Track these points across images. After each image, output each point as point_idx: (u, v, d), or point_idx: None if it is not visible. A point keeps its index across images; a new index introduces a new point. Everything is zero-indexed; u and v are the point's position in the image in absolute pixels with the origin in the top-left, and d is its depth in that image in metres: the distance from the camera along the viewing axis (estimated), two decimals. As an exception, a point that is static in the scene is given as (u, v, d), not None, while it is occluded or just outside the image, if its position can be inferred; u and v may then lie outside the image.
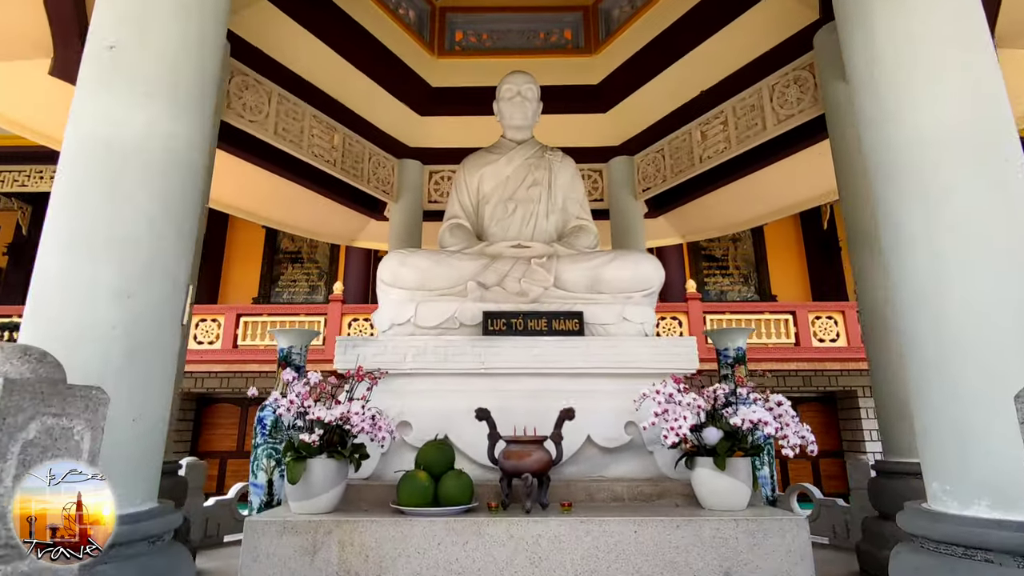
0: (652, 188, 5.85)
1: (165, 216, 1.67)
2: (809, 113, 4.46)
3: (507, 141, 4.06)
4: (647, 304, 3.14)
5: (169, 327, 1.71)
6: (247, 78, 4.37)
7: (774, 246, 14.54)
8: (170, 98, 1.76)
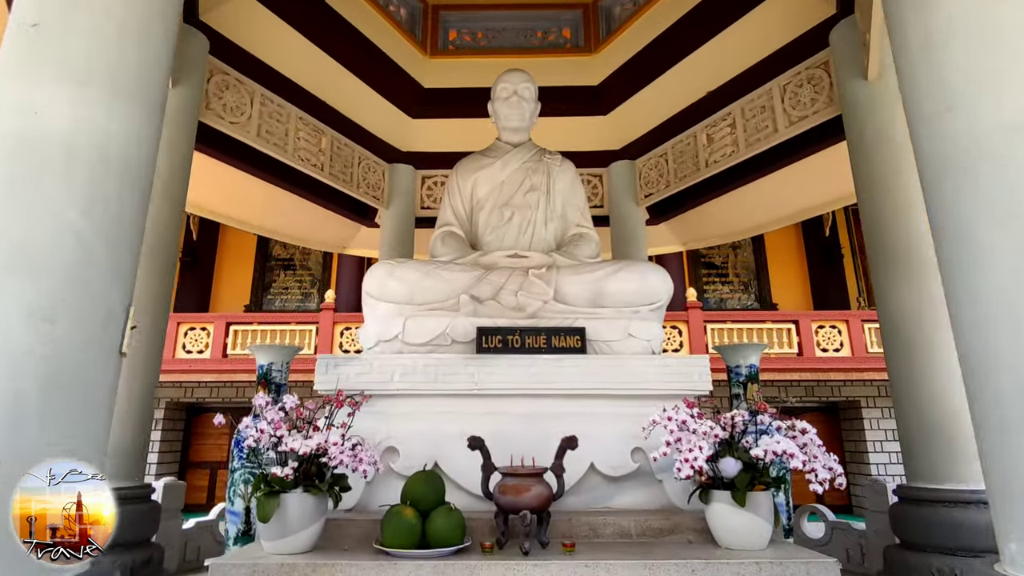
0: (655, 194, 5.63)
1: (94, 228, 1.42)
2: (824, 114, 4.24)
3: (503, 144, 3.82)
4: (654, 319, 2.89)
5: (101, 359, 1.45)
6: (228, 77, 4.13)
7: (775, 253, 14.34)
8: (106, 88, 1.51)
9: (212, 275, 13.43)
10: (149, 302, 3.21)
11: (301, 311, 13.42)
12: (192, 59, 3.70)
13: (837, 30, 4.08)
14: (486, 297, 2.87)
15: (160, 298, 3.39)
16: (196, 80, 3.72)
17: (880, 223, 3.61)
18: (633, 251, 5.57)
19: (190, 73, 3.65)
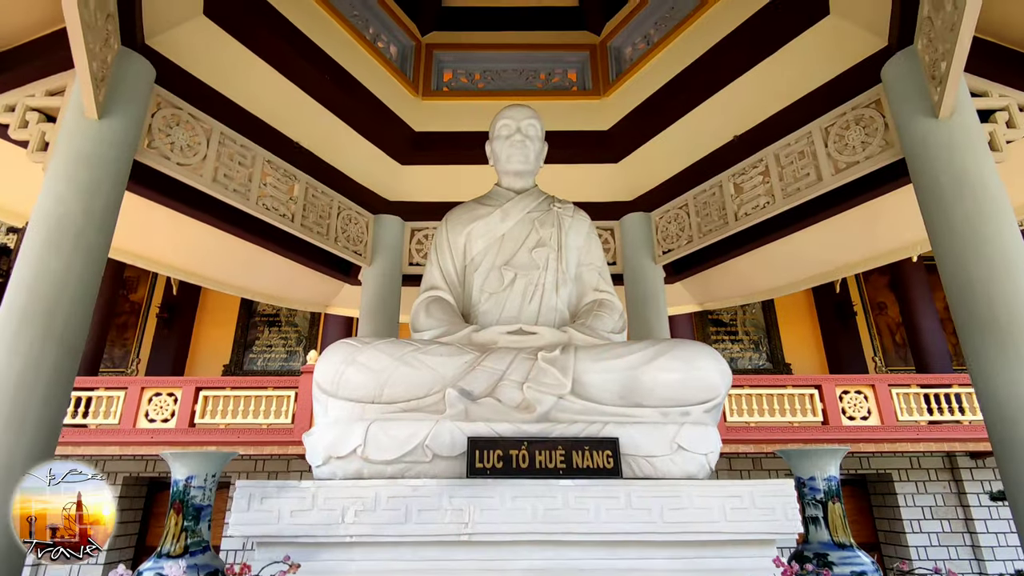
0: (675, 250, 4.94)
1: None
2: (879, 159, 3.59)
3: (503, 190, 3.15)
4: (710, 422, 2.13)
5: None
6: (179, 112, 3.48)
7: (785, 311, 13.64)
8: None
9: (191, 334, 12.60)
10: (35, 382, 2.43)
11: (284, 372, 12.53)
12: (129, 88, 3.06)
13: (892, 64, 3.49)
14: (481, 392, 2.11)
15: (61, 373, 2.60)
16: (134, 113, 3.07)
17: (969, 282, 2.92)
18: (651, 315, 4.84)
19: (124, 104, 3.00)
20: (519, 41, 5.34)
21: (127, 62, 3.07)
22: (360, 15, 4.74)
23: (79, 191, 2.74)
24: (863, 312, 13.42)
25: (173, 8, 3.23)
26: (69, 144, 2.81)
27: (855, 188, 4.00)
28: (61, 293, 2.53)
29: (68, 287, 2.57)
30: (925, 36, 3.17)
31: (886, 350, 13.13)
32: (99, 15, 2.51)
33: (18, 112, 3.04)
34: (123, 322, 12.86)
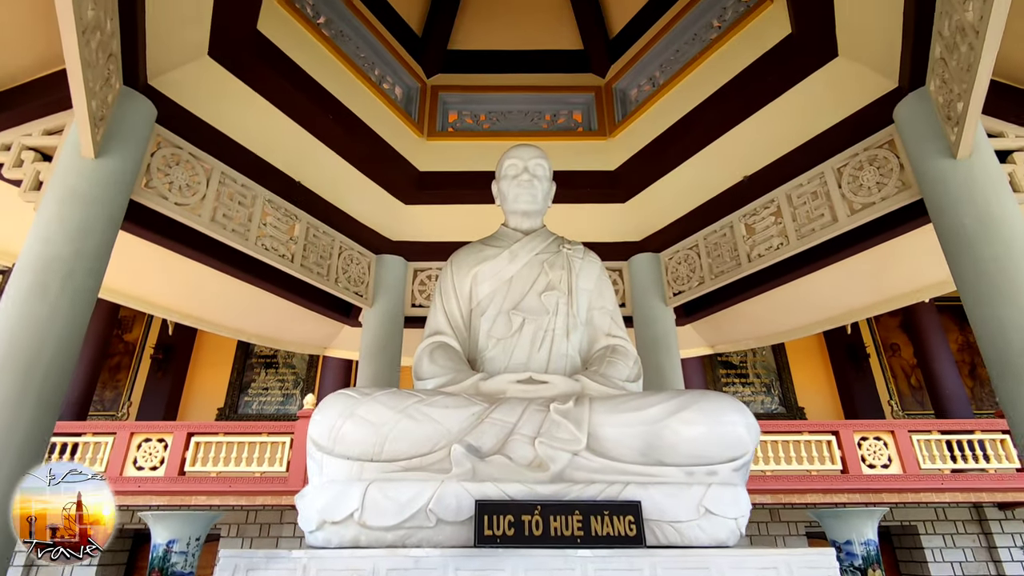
0: (686, 292, 4.80)
1: None
2: (896, 200, 3.49)
3: (510, 231, 3.03)
4: (739, 482, 1.94)
5: None
6: (179, 151, 3.42)
7: (796, 353, 13.40)
8: None
9: (184, 376, 12.36)
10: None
11: (280, 416, 12.23)
12: (129, 127, 2.99)
13: (904, 105, 3.44)
14: (490, 448, 1.93)
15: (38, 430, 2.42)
16: (131, 153, 2.99)
17: (1001, 327, 2.78)
18: (664, 359, 4.67)
19: (123, 143, 2.93)
20: (525, 83, 5.35)
21: (128, 102, 3.01)
22: (367, 57, 4.75)
23: (70, 232, 2.63)
24: (876, 354, 13.18)
25: (177, 49, 3.20)
26: (63, 183, 2.72)
27: (871, 229, 3.89)
28: (44, 342, 2.39)
29: (52, 335, 2.43)
30: (938, 77, 3.12)
31: (902, 393, 12.82)
32: (100, 55, 2.45)
33: (14, 151, 2.97)
34: (116, 363, 12.63)
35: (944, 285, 4.65)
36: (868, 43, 3.48)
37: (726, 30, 4.24)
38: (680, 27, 4.67)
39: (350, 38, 4.58)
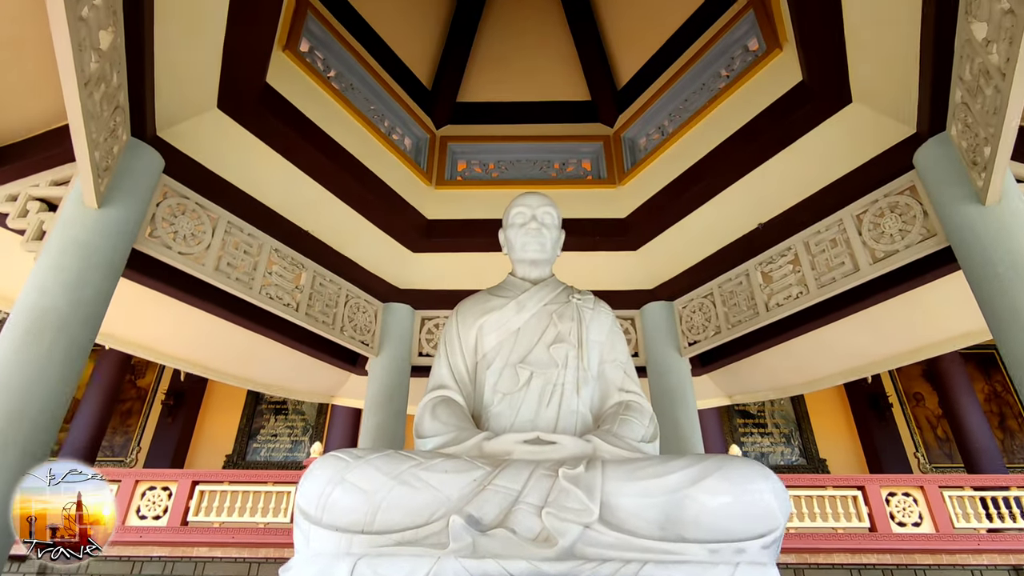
0: (701, 342, 4.64)
1: None
2: (921, 248, 3.36)
3: (518, 280, 2.93)
4: (768, 561, 1.75)
5: None
6: (186, 201, 3.40)
7: (815, 402, 12.99)
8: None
9: (194, 422, 12.24)
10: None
11: (288, 463, 12.00)
12: (135, 178, 2.99)
13: (925, 150, 3.35)
14: (492, 519, 1.77)
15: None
16: (136, 203, 2.98)
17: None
18: (680, 413, 4.47)
19: (128, 194, 2.92)
20: (533, 133, 5.37)
21: (135, 153, 3.02)
22: (376, 109, 4.81)
23: (68, 282, 2.58)
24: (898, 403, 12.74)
25: (187, 102, 3.22)
26: (64, 233, 2.69)
27: (895, 277, 3.75)
28: (31, 395, 2.30)
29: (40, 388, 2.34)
30: (959, 122, 3.03)
31: (928, 445, 12.31)
32: (105, 107, 2.45)
33: (20, 201, 2.97)
34: (128, 408, 12.57)
35: (977, 335, 4.44)
36: (883, 89, 3.42)
37: (735, 79, 4.22)
38: (688, 77, 4.68)
39: (360, 91, 4.64)
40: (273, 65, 3.72)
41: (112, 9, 2.29)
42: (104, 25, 2.24)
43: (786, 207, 4.18)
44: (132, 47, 2.60)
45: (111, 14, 2.28)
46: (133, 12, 2.49)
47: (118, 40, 2.41)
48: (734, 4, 4.41)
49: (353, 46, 4.65)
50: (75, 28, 1.92)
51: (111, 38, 2.33)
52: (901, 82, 3.26)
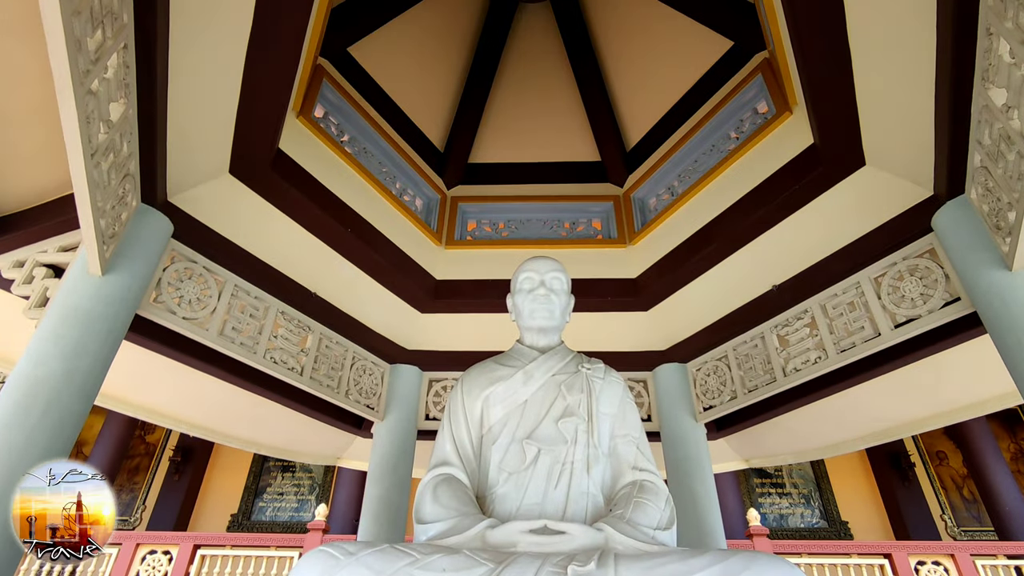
0: (716, 407, 4.46)
1: None
2: (945, 314, 3.24)
3: (526, 348, 2.84)
4: None
5: None
6: (193, 265, 3.39)
7: (835, 461, 12.47)
8: None
9: (202, 477, 12.01)
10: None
11: (293, 523, 11.66)
12: (143, 244, 2.98)
13: (944, 213, 3.27)
14: (494, 625, 1.62)
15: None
16: (142, 269, 2.96)
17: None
18: (696, 482, 4.25)
19: (135, 260, 2.91)
20: (543, 193, 5.40)
21: (145, 219, 3.03)
22: (388, 172, 4.86)
23: (65, 351, 2.53)
24: (921, 463, 12.22)
25: (198, 168, 3.26)
26: (65, 301, 2.67)
27: (918, 341, 3.60)
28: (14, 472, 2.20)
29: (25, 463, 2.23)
30: (979, 185, 2.96)
31: (955, 507, 11.70)
32: (114, 176, 2.46)
33: (26, 268, 2.97)
34: (135, 465, 12.38)
35: (1007, 398, 4.25)
36: (897, 152, 3.38)
37: (744, 141, 4.22)
38: (697, 139, 4.69)
39: (373, 155, 4.71)
40: (286, 130, 3.78)
41: (124, 82, 2.32)
42: (115, 97, 2.27)
43: (801, 269, 4.08)
44: (144, 116, 2.63)
45: (123, 86, 2.31)
46: (146, 83, 2.53)
47: (130, 111, 2.44)
48: (742, 68, 4.47)
49: (367, 111, 4.75)
50: (82, 102, 1.93)
51: (122, 109, 2.36)
52: (916, 145, 3.21)
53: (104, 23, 2.01)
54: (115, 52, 2.17)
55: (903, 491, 11.41)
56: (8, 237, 3.22)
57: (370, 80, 4.89)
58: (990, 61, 2.45)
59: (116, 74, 2.22)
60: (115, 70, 2.20)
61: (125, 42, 2.25)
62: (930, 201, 3.39)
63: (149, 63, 2.49)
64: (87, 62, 1.95)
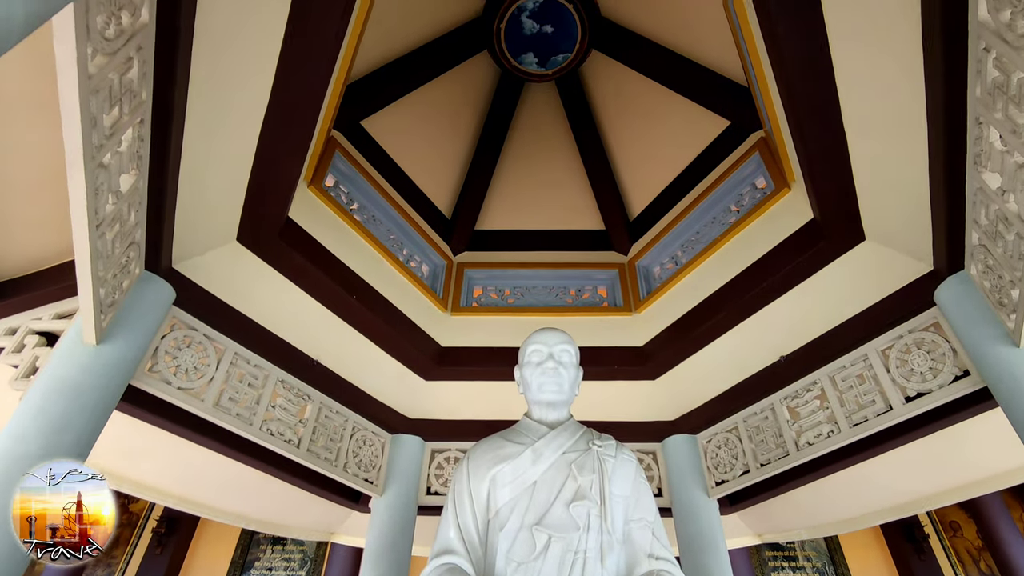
0: (729, 481, 4.31)
1: None
2: (955, 389, 3.19)
3: (534, 423, 2.75)
4: None
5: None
6: (193, 333, 3.34)
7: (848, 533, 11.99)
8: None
9: (185, 551, 11.42)
10: None
11: (280, 601, 11.02)
12: (143, 311, 2.95)
13: (946, 288, 3.28)
14: None
15: None
16: (139, 337, 2.91)
17: None
18: (710, 561, 4.05)
19: (133, 328, 2.86)
20: (549, 260, 5.44)
21: (147, 286, 3.00)
22: (396, 238, 4.90)
23: (47, 426, 2.44)
24: (934, 533, 11.75)
25: (205, 235, 3.27)
26: (54, 372, 2.59)
27: (932, 415, 3.52)
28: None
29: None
30: (980, 263, 2.98)
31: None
32: (118, 245, 2.46)
33: (18, 335, 2.91)
34: (116, 537, 11.79)
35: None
36: (896, 228, 3.42)
37: (745, 215, 4.29)
38: (699, 211, 4.78)
39: (381, 222, 4.76)
40: (296, 197, 3.83)
41: (138, 154, 2.35)
42: (127, 169, 2.29)
43: (808, 340, 4.05)
44: (154, 186, 2.65)
45: (135, 158, 2.34)
46: (159, 155, 2.56)
47: (140, 182, 2.46)
48: (740, 146, 4.59)
49: (377, 180, 4.85)
50: (92, 175, 1.94)
51: (132, 180, 2.38)
52: (914, 221, 3.25)
53: (122, 100, 2.05)
54: (131, 126, 2.21)
55: (919, 564, 10.90)
56: (4, 303, 3.19)
57: (381, 150, 5.01)
58: (981, 147, 2.52)
59: (130, 147, 2.25)
60: (129, 143, 2.23)
61: (142, 117, 2.30)
62: (931, 275, 3.40)
63: (164, 135, 2.54)
64: (101, 137, 1.98)
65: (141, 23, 2.00)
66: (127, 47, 1.94)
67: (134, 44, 1.99)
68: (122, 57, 1.94)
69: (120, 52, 1.91)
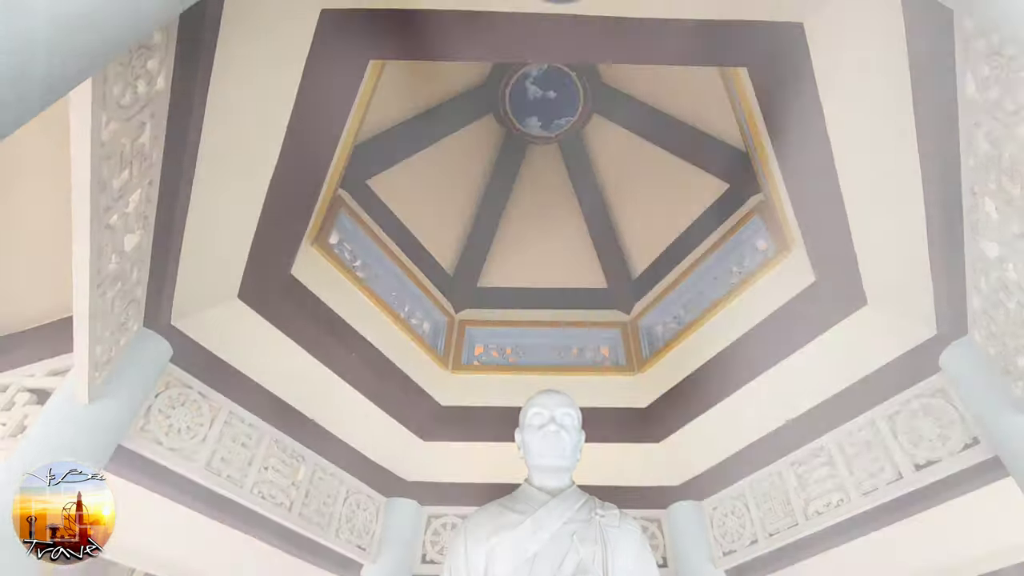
0: (737, 552, 4.14)
1: None
2: (966, 457, 3.13)
3: (535, 491, 2.65)
4: None
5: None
6: (188, 391, 3.29)
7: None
8: None
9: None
10: None
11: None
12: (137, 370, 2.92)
13: (950, 353, 3.25)
14: None
15: None
16: (133, 396, 2.87)
17: None
18: (719, 641, 3.83)
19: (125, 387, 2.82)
20: (551, 319, 5.43)
21: (144, 343, 2.98)
22: (398, 295, 4.91)
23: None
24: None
25: (207, 293, 3.27)
26: (42, 432, 2.54)
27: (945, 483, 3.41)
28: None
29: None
30: (983, 329, 2.96)
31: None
32: (118, 303, 2.45)
33: (9, 393, 2.86)
34: (94, 600, 11.26)
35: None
36: (897, 294, 3.42)
37: (747, 276, 4.30)
38: (700, 271, 4.81)
39: (384, 279, 4.79)
40: (299, 255, 3.85)
41: (144, 214, 2.38)
42: (132, 229, 2.31)
43: (813, 404, 3.98)
44: (159, 245, 2.66)
45: (142, 218, 2.36)
46: (166, 215, 2.59)
47: (144, 241, 2.47)
48: (740, 208, 4.66)
49: (381, 238, 4.90)
50: (97, 236, 1.96)
51: (137, 239, 2.39)
52: (915, 287, 3.25)
53: (133, 163, 2.09)
54: (140, 188, 2.24)
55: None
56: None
57: (386, 208, 5.08)
58: (978, 216, 2.55)
59: (137, 208, 2.28)
60: (136, 204, 2.26)
61: (151, 179, 2.34)
62: (935, 340, 3.37)
63: (172, 196, 2.57)
64: (110, 200, 2.01)
65: (156, 91, 2.06)
66: (141, 113, 2.00)
67: (148, 111, 2.04)
68: (136, 123, 1.99)
69: (134, 119, 1.96)
